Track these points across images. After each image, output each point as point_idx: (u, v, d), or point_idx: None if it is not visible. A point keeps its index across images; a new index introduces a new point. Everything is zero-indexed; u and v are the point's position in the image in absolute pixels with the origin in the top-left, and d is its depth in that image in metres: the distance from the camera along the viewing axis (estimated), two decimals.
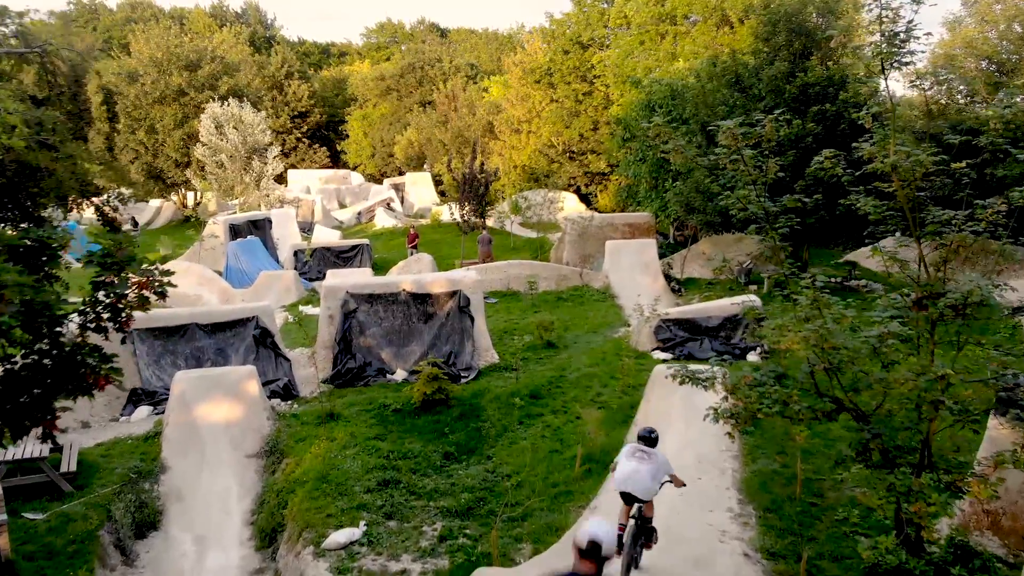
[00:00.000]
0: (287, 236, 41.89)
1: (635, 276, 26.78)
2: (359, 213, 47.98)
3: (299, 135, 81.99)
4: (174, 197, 52.04)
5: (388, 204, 47.77)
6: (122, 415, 16.18)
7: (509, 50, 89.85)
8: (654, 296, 26.00)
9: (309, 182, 67.89)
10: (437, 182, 55.67)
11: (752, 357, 18.31)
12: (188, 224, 44.36)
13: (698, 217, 24.61)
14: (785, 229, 9.10)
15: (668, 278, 27.30)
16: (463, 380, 16.93)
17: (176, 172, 47.96)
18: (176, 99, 48.60)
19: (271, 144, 45.62)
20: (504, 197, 45.67)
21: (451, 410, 14.86)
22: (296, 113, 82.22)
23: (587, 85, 46.24)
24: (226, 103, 44.65)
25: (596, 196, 47.32)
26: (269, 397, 16.33)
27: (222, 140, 43.77)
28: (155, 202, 56.52)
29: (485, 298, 25.52)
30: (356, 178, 75.84)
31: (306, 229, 45.90)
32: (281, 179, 77.64)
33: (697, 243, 31.45)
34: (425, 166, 56.94)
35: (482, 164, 33.25)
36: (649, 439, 9.06)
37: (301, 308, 25.37)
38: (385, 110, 77.37)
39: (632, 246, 27.49)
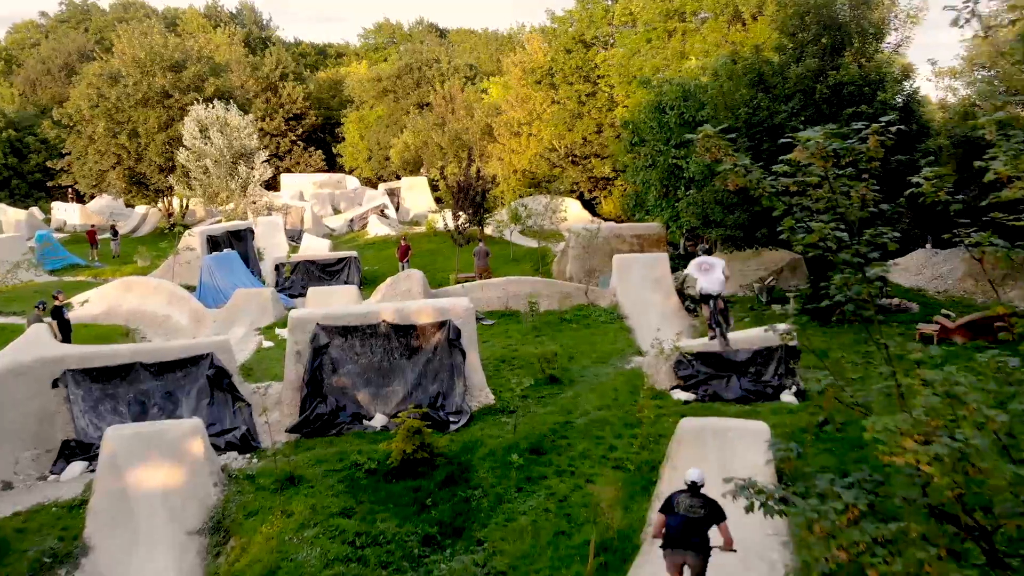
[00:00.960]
0: (274, 246, 39.46)
1: (646, 294, 24.30)
2: (351, 220, 45.52)
3: (294, 138, 79.55)
4: (160, 204, 49.48)
5: (382, 211, 45.30)
6: (51, 472, 13.69)
7: (509, 50, 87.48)
8: (666, 316, 23.58)
9: (302, 187, 65.41)
10: (434, 187, 53.22)
11: (786, 397, 15.87)
12: (170, 233, 41.94)
13: (717, 231, 22.14)
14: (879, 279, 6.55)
15: (681, 295, 24.81)
16: (452, 427, 14.44)
17: (160, 178, 45.49)
18: (160, 101, 46.13)
19: (259, 148, 43.16)
20: (503, 203, 43.26)
21: (436, 472, 12.35)
22: (291, 115, 79.81)
23: (590, 86, 43.78)
24: (210, 105, 42.20)
25: (600, 202, 44.84)
26: (225, 449, 13.86)
27: (206, 144, 41.32)
28: (140, 209, 54.06)
29: (480, 319, 23.07)
30: (352, 182, 73.33)
31: (295, 237, 43.46)
32: (273, 184, 75.32)
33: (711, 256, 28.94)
34: (422, 170, 54.44)
35: (478, 171, 30.73)
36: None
37: (279, 331, 22.89)
38: (382, 112, 74.92)
39: (642, 261, 24.98)
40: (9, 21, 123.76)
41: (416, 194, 52.31)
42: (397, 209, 54.03)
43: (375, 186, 72.50)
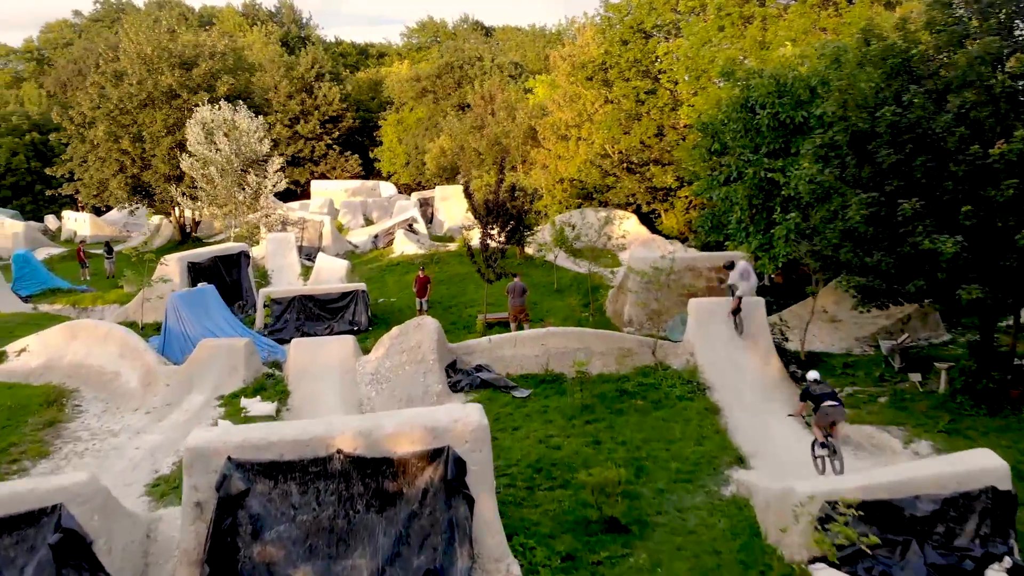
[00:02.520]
0: (285, 268, 34.03)
1: (735, 353, 17.95)
2: (375, 236, 39.81)
3: (330, 141, 74.51)
4: (172, 215, 44.41)
5: (410, 225, 39.55)
6: None
7: (558, 45, 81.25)
8: (766, 388, 17.21)
9: (334, 194, 60.17)
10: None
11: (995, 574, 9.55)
12: (164, 249, 36.68)
13: (848, 280, 15.63)
14: None
15: (783, 353, 18.40)
16: None
17: (165, 187, 40.36)
18: (167, 102, 41.01)
19: (272, 154, 37.70)
20: (546, 217, 37.15)
21: None
22: (326, 118, 74.79)
23: (650, 82, 37.38)
24: (217, 106, 36.87)
25: (660, 217, 38.39)
26: None
27: (212, 150, 35.99)
28: (155, 219, 49.19)
29: (509, 389, 17.02)
30: (388, 189, 67.99)
31: (312, 256, 37.92)
32: (302, 191, 70.22)
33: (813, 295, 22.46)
34: (459, 178, 48.55)
35: (512, 187, 24.67)
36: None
37: (245, 402, 17.15)
38: (422, 114, 69.39)
39: (728, 308, 18.63)
40: (44, 20, 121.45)
41: (451, 205, 46.38)
42: (430, 221, 48.26)
43: (414, 192, 67.04)
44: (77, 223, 50.79)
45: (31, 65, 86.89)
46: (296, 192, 71.28)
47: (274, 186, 36.58)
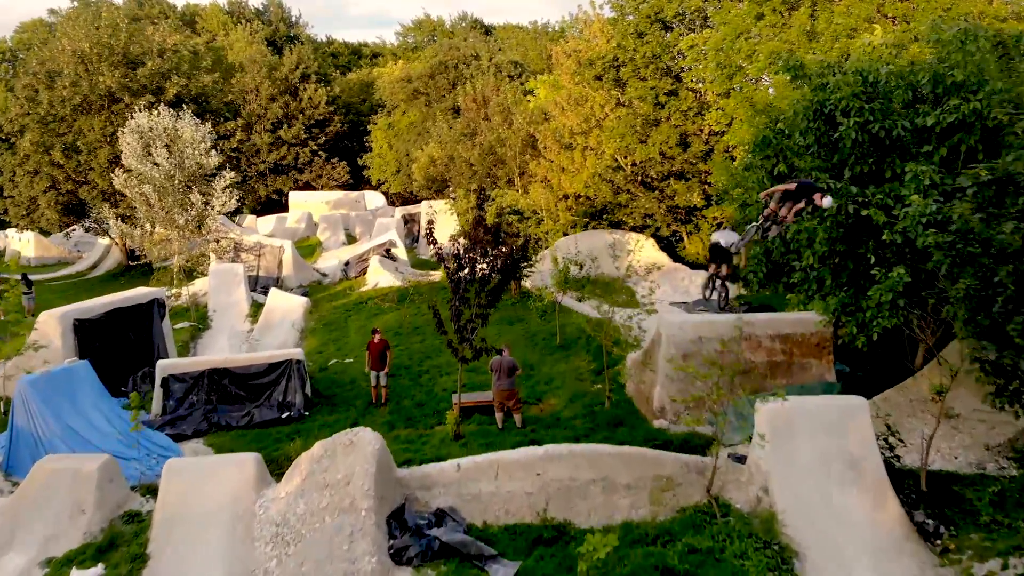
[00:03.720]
0: (231, 306, 27.77)
1: (831, 491, 11.63)
2: (346, 264, 33.41)
3: (315, 147, 68.23)
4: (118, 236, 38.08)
5: (387, 250, 33.21)
6: None
7: (561, 41, 74.85)
8: (882, 555, 10.89)
9: (313, 207, 53.95)
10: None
11: None
12: (124, 278, 30.30)
13: (977, 351, 9.24)
14: None
15: (898, 484, 12.06)
16: None
17: (102, 207, 34.12)
18: (107, 106, 34.75)
19: (221, 170, 31.41)
20: (547, 243, 30.80)
21: None
22: (312, 122, 68.52)
23: (671, 81, 31.00)
24: (155, 112, 30.58)
25: (684, 240, 31.99)
26: None
27: (148, 165, 29.72)
28: (105, 241, 42.93)
29: (485, 561, 10.77)
30: (376, 199, 61.79)
31: (269, 288, 31.64)
32: (279, 203, 63.78)
33: (916, 373, 16.11)
34: (449, 191, 42.18)
35: (497, 229, 18.33)
36: None
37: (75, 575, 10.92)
38: (413, 117, 63.04)
39: (816, 417, 12.26)
40: (20, 19, 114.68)
41: (439, 223, 39.93)
42: (416, 240, 41.92)
43: (407, 202, 60.65)
44: (21, 243, 44.57)
45: (3, 67, 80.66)
46: (280, 201, 65.04)
47: (223, 206, 30.27)
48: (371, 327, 25.40)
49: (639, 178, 31.53)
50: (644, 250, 31.12)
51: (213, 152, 30.86)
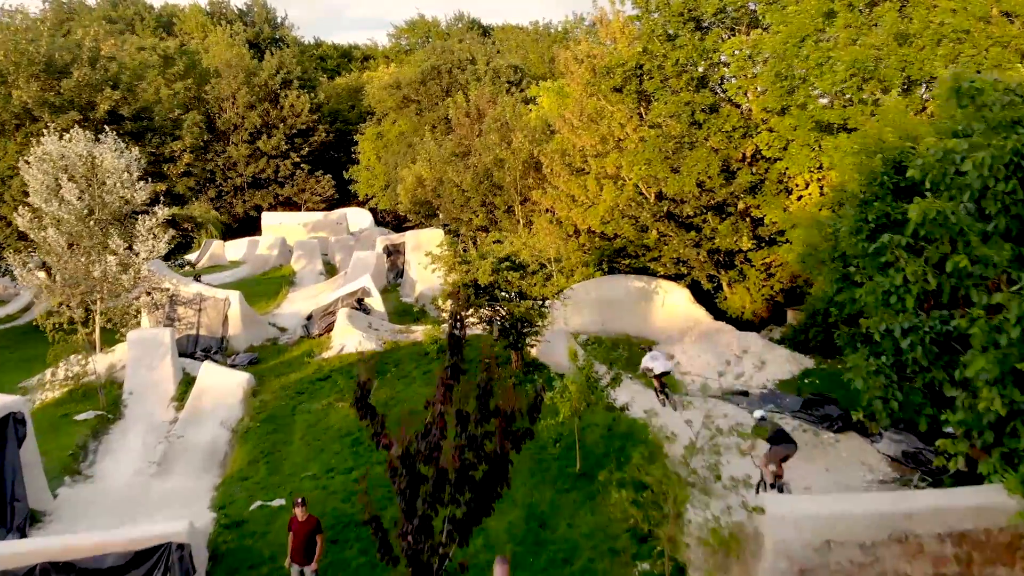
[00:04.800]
0: (152, 387, 21.54)
1: None
2: (308, 318, 26.91)
3: (297, 159, 61.92)
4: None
5: (359, 300, 26.80)
6: None
7: (566, 43, 68.45)
8: None
9: (288, 230, 47.48)
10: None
11: None
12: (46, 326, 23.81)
13: None
14: None
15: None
16: None
17: (18, 247, 27.75)
18: (24, 125, 28.37)
19: (152, 206, 25.02)
20: (557, 290, 24.32)
21: None
22: (294, 131, 62.20)
23: (709, 95, 24.62)
24: (68, 137, 24.13)
25: (724, 290, 25.55)
26: None
27: (57, 203, 23.31)
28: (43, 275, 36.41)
29: None
30: (362, 218, 55.42)
31: (212, 351, 25.30)
32: (250, 225, 57.23)
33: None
34: (436, 220, 35.81)
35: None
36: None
37: None
38: (404, 127, 56.73)
39: None
40: None
41: (421, 263, 33.54)
42: (400, 275, 35.52)
43: (394, 226, 54.26)
44: None
45: None
46: (260, 218, 58.84)
47: (150, 254, 23.84)
48: (324, 426, 19.18)
49: (670, 214, 25.14)
50: (677, 302, 24.78)
51: (142, 184, 24.44)
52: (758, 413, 13.97)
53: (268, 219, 49.58)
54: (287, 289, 34.55)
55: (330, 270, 42.93)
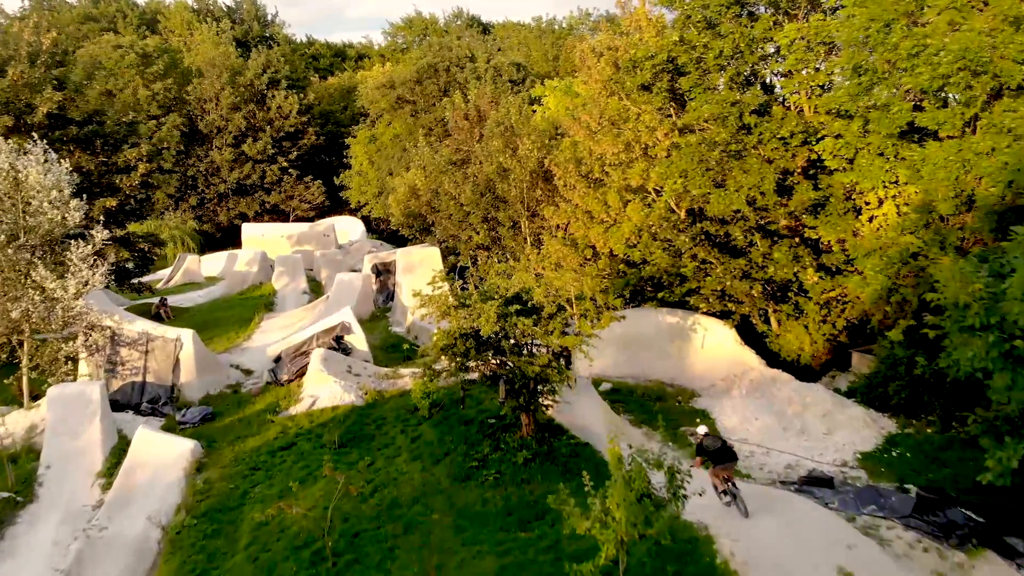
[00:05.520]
0: (75, 455, 17.15)
1: None
2: (276, 360, 22.33)
3: (285, 164, 57.40)
4: None
5: (338, 338, 22.30)
6: None
7: (569, 46, 63.93)
8: None
9: (270, 243, 43.05)
10: (453, 270, 30.20)
11: None
12: None
13: None
14: None
15: None
16: None
17: None
18: None
19: (85, 230, 20.62)
20: (573, 327, 19.85)
21: None
22: (282, 134, 57.68)
23: (759, 94, 20.19)
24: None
25: (775, 327, 21.03)
26: None
27: None
28: None
29: None
30: (353, 228, 50.99)
31: (160, 403, 20.87)
32: (230, 237, 52.59)
33: None
34: (432, 236, 31.33)
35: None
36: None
37: None
38: (399, 129, 52.27)
39: None
40: None
41: (420, 279, 29.10)
42: (390, 298, 31.08)
43: (392, 236, 49.77)
44: None
45: None
46: (220, 236, 54.32)
47: (84, 287, 19.43)
48: (277, 528, 14.51)
49: (709, 235, 20.68)
50: (721, 343, 20.36)
51: (77, 202, 19.98)
52: (702, 429, 13.01)
53: (249, 231, 45.11)
54: (261, 315, 30.06)
55: (315, 288, 38.51)
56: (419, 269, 29.75)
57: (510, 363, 15.34)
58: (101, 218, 24.67)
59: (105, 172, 26.08)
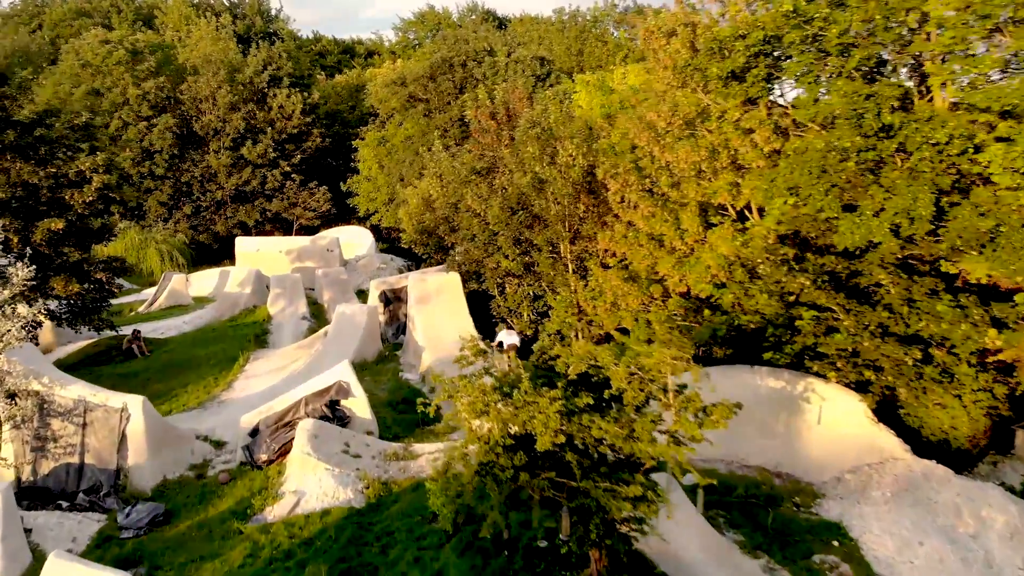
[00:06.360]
0: None
1: None
2: (252, 434, 16.91)
3: (288, 168, 52.09)
4: None
5: (332, 404, 16.88)
6: None
7: (594, 40, 58.41)
8: None
9: (266, 260, 37.86)
10: (480, 297, 24.87)
11: None
12: None
13: None
14: None
15: None
16: None
17: None
18: None
19: (7, 262, 15.43)
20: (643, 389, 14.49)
21: None
22: (284, 136, 52.43)
23: (898, 85, 14.74)
24: None
25: (908, 399, 15.54)
26: None
27: None
28: None
29: None
30: (361, 240, 45.74)
31: (102, 493, 15.59)
32: (223, 250, 47.42)
33: None
34: (453, 254, 25.94)
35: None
36: None
37: None
38: (411, 130, 46.99)
39: None
40: None
41: (437, 311, 23.75)
42: (401, 330, 25.75)
43: (406, 251, 44.38)
44: None
45: None
46: (214, 248, 49.13)
47: (9, 340, 14.31)
48: None
49: (832, 275, 15.21)
50: (847, 420, 14.94)
51: None
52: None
53: (243, 245, 39.88)
54: (248, 354, 24.78)
55: (316, 312, 33.29)
56: (435, 299, 24.43)
57: (581, 488, 10.04)
58: (42, 244, 19.54)
59: (53, 186, 20.88)
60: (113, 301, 34.74)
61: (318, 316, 32.96)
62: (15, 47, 60.07)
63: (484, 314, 24.54)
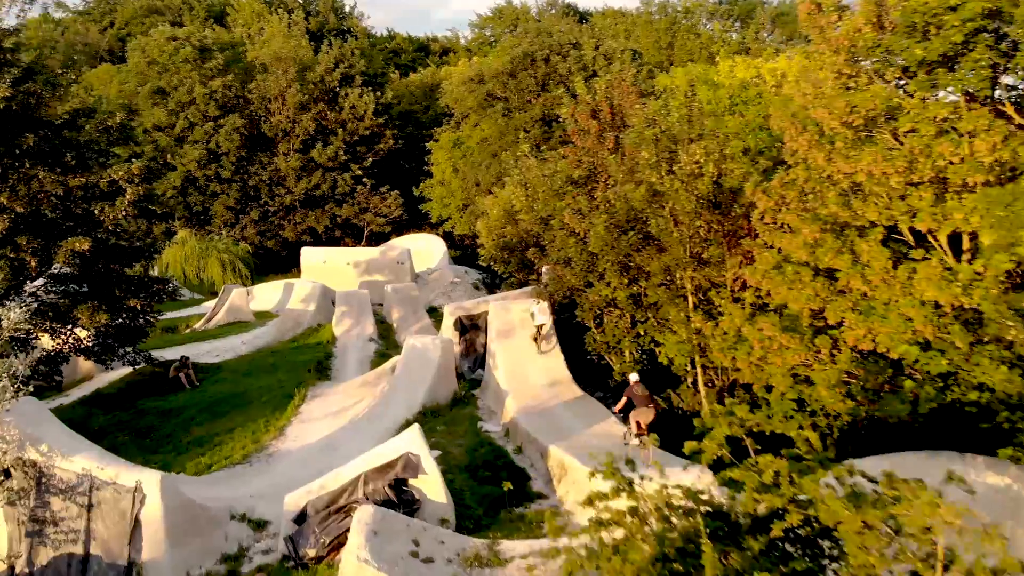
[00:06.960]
0: None
1: None
2: (298, 520, 13.22)
3: (359, 172, 49.18)
4: None
5: (397, 485, 13.02)
6: None
7: (685, 32, 53.57)
8: None
9: (332, 272, 34.63)
10: (570, 328, 20.81)
11: None
12: None
13: None
14: None
15: None
16: None
17: None
18: None
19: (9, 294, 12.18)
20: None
21: None
22: (356, 138, 49.48)
23: None
24: None
25: None
26: None
27: None
28: None
29: None
30: (433, 249, 42.27)
31: None
32: (288, 259, 44.49)
33: None
34: (543, 275, 21.83)
35: None
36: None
37: None
38: (488, 131, 43.30)
39: None
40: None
41: (530, 345, 19.83)
42: (479, 364, 21.89)
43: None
44: None
45: None
46: (318, 243, 46.25)
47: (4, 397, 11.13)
48: None
49: None
50: None
51: None
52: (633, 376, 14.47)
53: (308, 256, 36.82)
54: (306, 391, 21.34)
55: (384, 332, 29.92)
56: (521, 333, 20.50)
57: None
58: (63, 264, 16.41)
59: (81, 198, 17.77)
60: (170, 314, 32.18)
61: (386, 336, 29.59)
62: (72, 41, 59.05)
63: (576, 349, 20.47)
